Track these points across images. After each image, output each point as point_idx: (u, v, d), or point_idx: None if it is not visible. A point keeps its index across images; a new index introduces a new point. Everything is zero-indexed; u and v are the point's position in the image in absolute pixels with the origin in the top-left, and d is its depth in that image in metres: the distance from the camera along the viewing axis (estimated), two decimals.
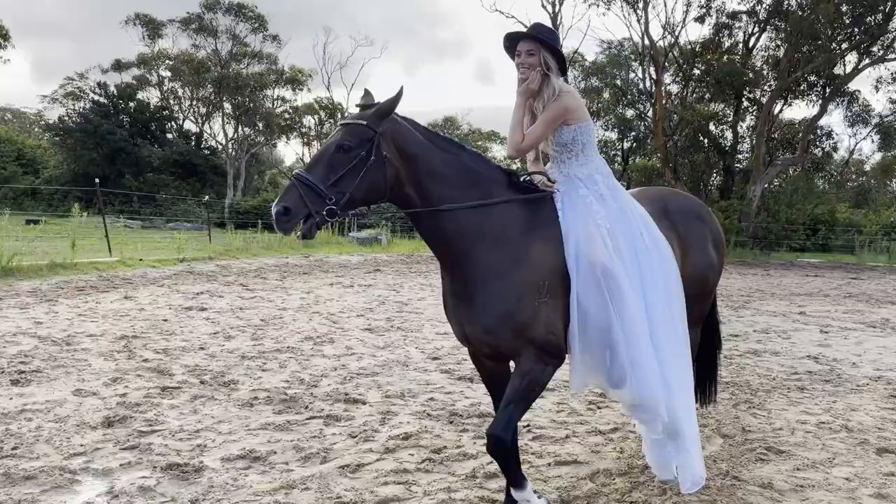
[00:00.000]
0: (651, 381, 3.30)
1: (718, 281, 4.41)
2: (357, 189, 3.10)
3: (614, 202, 3.48)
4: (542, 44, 3.51)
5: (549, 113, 3.48)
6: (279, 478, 4.20)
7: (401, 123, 3.29)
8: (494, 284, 3.26)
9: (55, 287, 11.27)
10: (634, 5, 28.58)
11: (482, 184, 3.37)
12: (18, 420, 5.06)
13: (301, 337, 8.41)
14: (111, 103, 41.45)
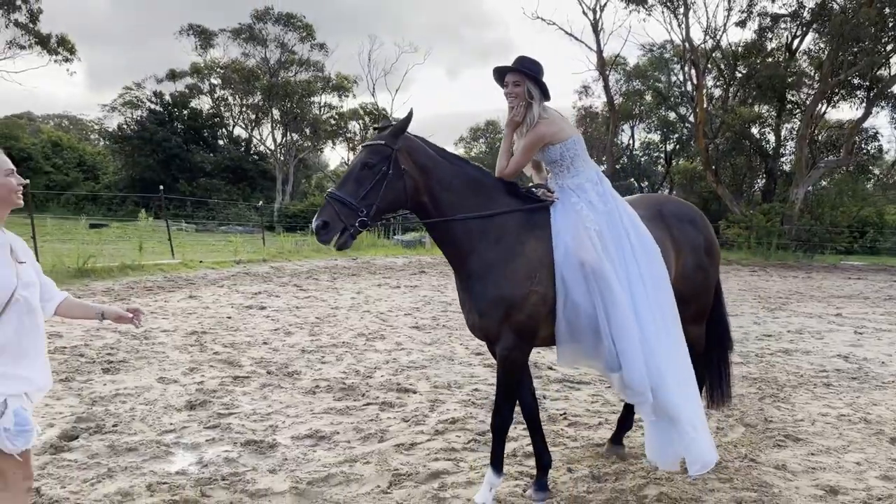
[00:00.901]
0: (639, 367, 3.73)
1: (715, 280, 4.77)
2: (382, 200, 3.66)
3: (603, 206, 3.92)
4: (525, 75, 3.96)
5: (526, 141, 3.95)
6: (343, 453, 4.80)
7: (413, 140, 3.84)
8: (491, 274, 3.77)
9: (126, 287, 12.16)
10: (675, 11, 28.71)
11: (484, 191, 3.89)
12: (114, 402, 5.77)
13: (354, 333, 9.05)
14: (166, 111, 43.12)
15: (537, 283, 3.76)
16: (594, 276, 3.71)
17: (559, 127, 3.96)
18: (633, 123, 41.57)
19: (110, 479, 4.26)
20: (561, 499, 4.11)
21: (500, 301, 3.75)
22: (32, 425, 2.81)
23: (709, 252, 4.60)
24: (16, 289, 2.74)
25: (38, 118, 67.35)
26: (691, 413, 3.87)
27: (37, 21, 25.62)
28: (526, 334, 3.82)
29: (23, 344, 2.78)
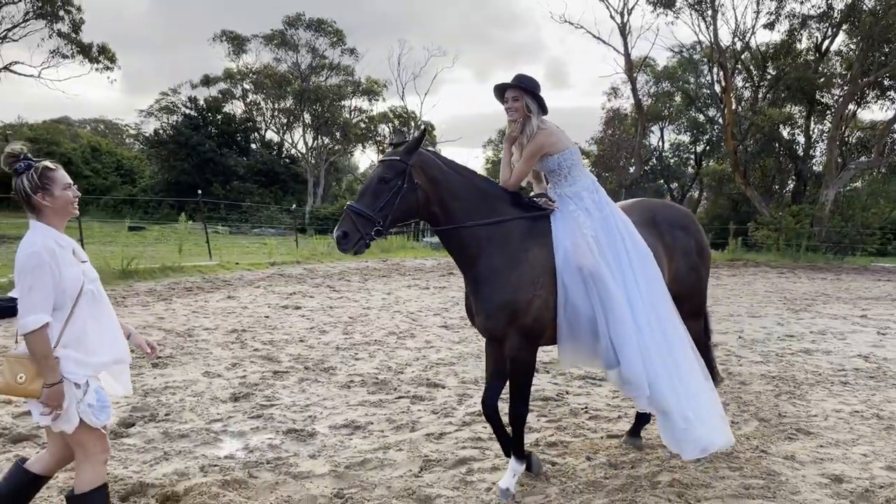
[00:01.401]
0: (636, 363, 4.02)
1: (707, 280, 5.06)
2: (397, 211, 4.01)
3: (599, 213, 4.22)
4: (523, 90, 4.26)
5: (527, 151, 4.24)
6: (377, 441, 5.17)
7: (426, 154, 4.16)
8: (497, 279, 4.08)
9: (168, 288, 12.72)
10: (703, 13, 28.68)
11: (490, 200, 4.20)
12: (165, 394, 6.22)
13: (385, 332, 9.44)
14: (200, 116, 44.13)
15: (540, 287, 4.06)
16: (592, 280, 4.00)
17: (557, 138, 4.25)
18: (662, 125, 41.46)
19: (167, 461, 4.69)
20: (579, 483, 4.42)
21: (506, 305, 4.05)
22: (109, 403, 3.23)
23: (700, 254, 4.88)
24: (83, 284, 3.16)
25: (74, 123, 69.16)
26: (684, 406, 4.11)
27: (79, 31, 26.56)
28: (532, 336, 4.13)
29: (94, 331, 3.19)
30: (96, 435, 3.17)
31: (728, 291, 15.38)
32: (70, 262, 3.14)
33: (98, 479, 3.20)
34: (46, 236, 3.10)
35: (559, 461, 4.84)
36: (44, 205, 3.12)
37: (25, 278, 3.00)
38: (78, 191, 3.31)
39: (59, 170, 3.20)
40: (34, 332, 2.96)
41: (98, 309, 3.23)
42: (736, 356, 8.42)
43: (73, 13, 25.88)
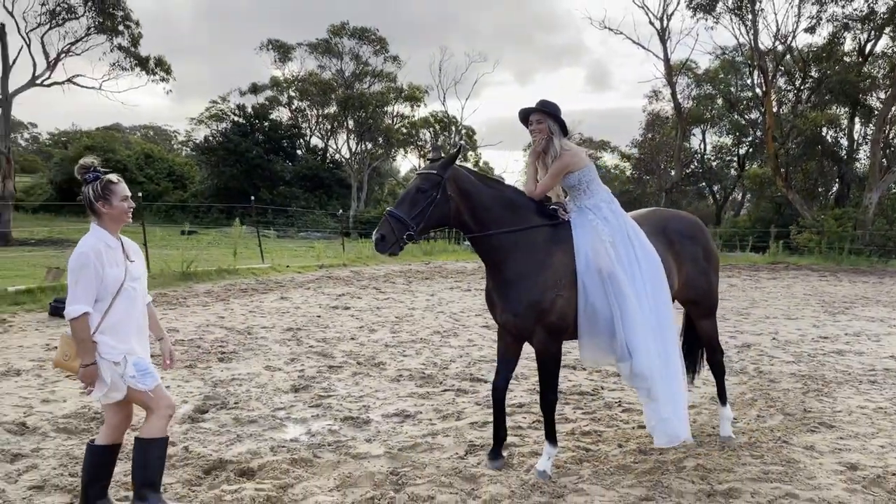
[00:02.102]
0: (645, 359, 4.47)
1: (717, 283, 5.48)
2: (430, 219, 4.50)
3: (616, 221, 4.66)
4: (547, 114, 4.72)
5: (553, 169, 4.69)
6: (426, 428, 5.69)
7: (459, 170, 4.64)
8: (525, 282, 4.53)
9: (224, 289, 13.47)
10: (743, 18, 28.56)
11: (518, 210, 4.66)
12: (232, 385, 6.84)
13: (430, 331, 9.97)
14: (248, 123, 45.45)
15: (563, 288, 4.52)
16: (610, 282, 4.45)
17: (579, 157, 4.71)
18: (704, 127, 41.22)
19: (240, 442, 5.27)
20: (610, 466, 4.86)
21: (533, 305, 4.52)
22: (152, 369, 3.76)
23: (707, 260, 5.30)
24: (124, 281, 3.73)
25: (126, 129, 71.61)
26: (670, 399, 4.58)
27: (137, 45, 27.83)
28: (557, 331, 4.59)
29: (128, 323, 3.75)
30: (156, 394, 3.73)
31: (766, 294, 15.52)
32: (115, 262, 3.71)
33: (159, 430, 3.76)
34: (98, 238, 3.69)
35: (593, 448, 5.29)
36: (103, 212, 3.72)
37: (73, 273, 3.60)
38: (133, 202, 3.89)
39: (120, 183, 3.77)
40: (76, 319, 3.55)
41: (134, 307, 3.78)
42: (768, 356, 8.71)
43: (132, 28, 27.18)
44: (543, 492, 4.38)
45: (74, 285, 3.60)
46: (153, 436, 3.75)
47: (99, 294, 3.63)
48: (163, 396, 3.80)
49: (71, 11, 25.50)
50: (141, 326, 3.85)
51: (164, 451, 3.85)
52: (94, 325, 3.62)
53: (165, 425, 3.80)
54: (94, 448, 3.95)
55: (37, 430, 5.39)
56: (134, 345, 3.74)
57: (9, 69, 24.81)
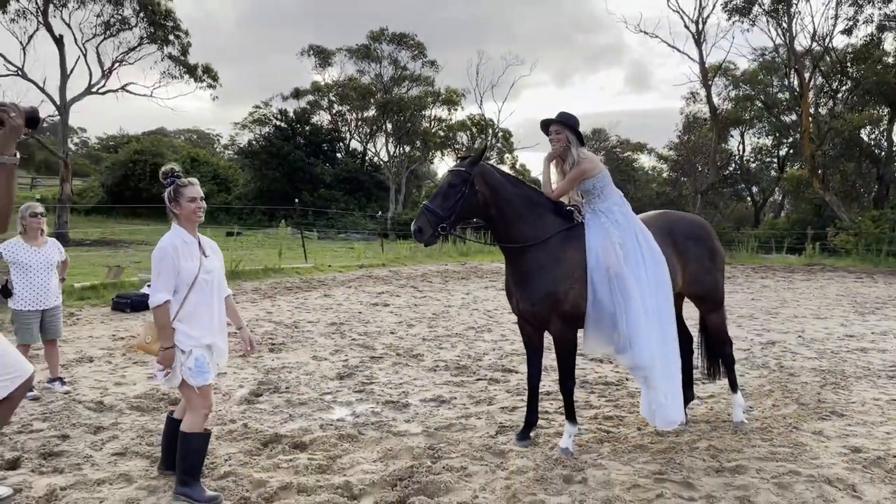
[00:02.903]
0: (643, 350, 4.90)
1: (722, 281, 5.84)
2: (461, 211, 5.02)
3: (625, 224, 5.09)
4: (565, 125, 5.21)
5: (571, 175, 5.16)
6: (460, 412, 6.20)
7: (486, 167, 5.16)
8: (541, 274, 5.01)
9: (271, 287, 14.18)
10: (779, 21, 28.42)
11: (537, 208, 5.15)
12: (282, 372, 7.45)
13: (465, 327, 10.49)
14: (290, 127, 46.59)
15: (575, 281, 5.00)
16: (616, 279, 4.90)
17: (594, 165, 5.19)
18: (742, 129, 40.94)
19: (292, 420, 5.86)
20: (628, 446, 5.31)
21: (549, 295, 5.01)
22: (209, 370, 4.25)
23: (712, 259, 5.69)
24: (198, 275, 4.28)
25: (170, 133, 73.66)
26: (666, 388, 4.99)
27: (187, 53, 28.98)
28: (570, 319, 5.07)
29: (202, 313, 4.27)
30: (201, 392, 4.22)
31: (798, 295, 15.66)
32: (191, 257, 4.26)
33: (196, 426, 4.22)
34: (175, 236, 4.25)
35: (613, 430, 5.74)
36: (176, 212, 4.29)
37: (155, 266, 4.16)
38: (203, 203, 4.42)
39: (188, 186, 4.28)
40: (158, 306, 4.11)
41: (209, 298, 4.29)
42: (791, 352, 9.01)
43: (182, 37, 28.34)
44: (565, 465, 4.85)
45: (157, 277, 4.18)
46: (191, 430, 4.22)
47: (176, 285, 4.19)
48: (206, 396, 4.26)
49: (124, 22, 26.75)
50: (215, 316, 4.33)
51: (202, 445, 4.29)
52: (172, 314, 4.18)
53: (202, 422, 4.25)
54: (172, 420, 4.56)
55: (113, 408, 6.06)
56: (207, 333, 4.23)
57: (66, 78, 26.11)
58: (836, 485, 4.56)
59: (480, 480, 4.59)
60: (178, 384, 4.24)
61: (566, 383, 5.28)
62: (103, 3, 25.95)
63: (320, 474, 4.66)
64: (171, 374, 4.21)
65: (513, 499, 4.28)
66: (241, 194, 44.40)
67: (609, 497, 4.32)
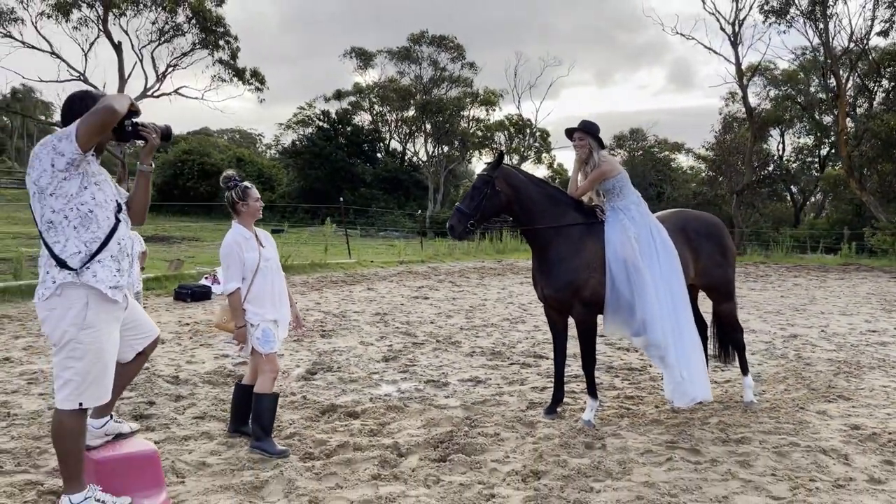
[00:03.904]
0: (658, 334, 5.47)
1: (733, 273, 6.39)
2: (486, 210, 5.71)
3: (641, 221, 5.68)
4: (587, 133, 5.83)
5: (592, 176, 5.77)
6: (494, 390, 6.87)
7: (507, 169, 5.84)
8: (564, 264, 5.64)
9: (317, 281, 15.04)
10: (816, 23, 28.33)
11: (559, 205, 5.79)
12: (333, 355, 8.21)
13: (501, 318, 11.15)
14: (332, 128, 47.76)
15: (594, 271, 5.62)
16: (633, 270, 5.51)
17: (614, 167, 5.80)
18: (782, 128, 40.66)
19: (345, 394, 6.60)
20: (646, 420, 5.92)
21: (570, 283, 5.65)
22: (274, 340, 5.05)
23: (723, 255, 6.25)
24: (259, 263, 5.03)
25: (213, 133, 75.61)
26: (682, 367, 5.55)
27: (236, 58, 30.23)
28: (590, 305, 5.70)
29: (264, 293, 5.05)
30: (268, 359, 5.01)
31: (828, 293, 15.92)
32: (251, 248, 5.05)
33: (266, 387, 4.98)
34: (237, 232, 5.04)
35: (633, 408, 6.35)
36: (241, 210, 5.07)
37: (224, 260, 4.98)
38: (262, 202, 5.24)
39: (252, 188, 5.14)
40: (231, 293, 4.91)
41: (269, 281, 5.06)
42: (811, 345, 9.45)
43: (232, 42, 29.58)
44: (587, 435, 5.49)
45: (227, 269, 4.99)
46: (263, 391, 4.98)
47: (243, 274, 4.99)
48: (273, 362, 5.04)
49: (178, 29, 28.07)
50: (276, 295, 5.12)
51: (272, 405, 5.04)
52: (242, 297, 4.98)
53: (271, 385, 5.02)
54: (240, 386, 5.33)
55: (188, 382, 6.88)
56: (269, 309, 5.03)
57: (124, 82, 27.50)
58: (830, 454, 5.10)
59: (511, 444, 5.25)
60: (250, 353, 5.04)
61: (587, 363, 5.91)
62: (158, 11, 27.25)
63: (372, 436, 5.38)
64: (244, 346, 5.02)
65: (539, 459, 4.93)
66: (284, 193, 45.66)
67: (624, 460, 4.94)
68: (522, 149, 52.02)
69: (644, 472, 4.72)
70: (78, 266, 2.87)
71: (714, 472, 4.72)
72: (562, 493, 4.31)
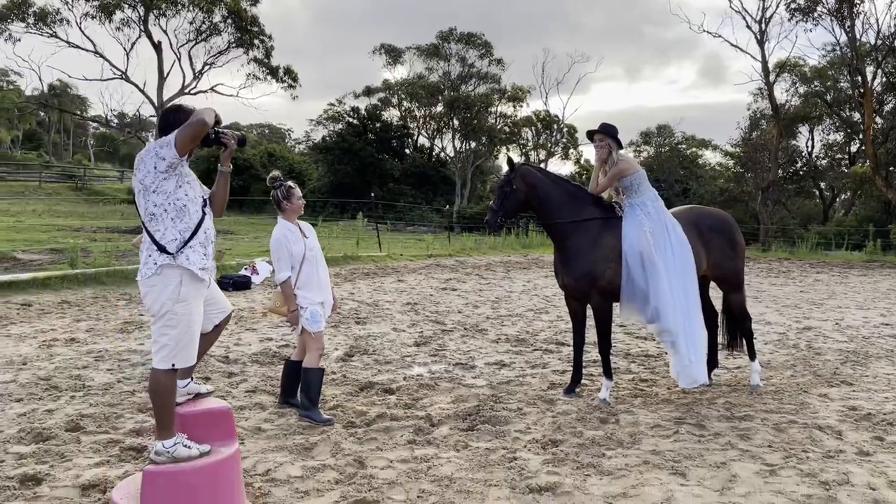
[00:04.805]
0: (670, 321, 5.96)
1: (742, 266, 6.90)
2: (508, 206, 6.36)
3: (656, 216, 6.15)
4: (606, 134, 6.34)
5: (610, 174, 6.29)
6: (518, 372, 7.42)
7: (525, 168, 6.46)
8: (582, 255, 6.17)
9: (350, 272, 15.70)
10: (843, 22, 28.29)
11: (577, 201, 6.32)
12: (368, 340, 8.83)
13: (525, 309, 11.69)
14: (361, 124, 48.55)
15: (611, 262, 6.14)
16: (648, 262, 6.01)
17: (630, 165, 6.32)
18: (811, 125, 40.47)
19: (381, 374, 7.21)
20: (657, 400, 6.43)
21: (588, 273, 6.18)
22: (321, 320, 5.68)
23: (732, 248, 6.72)
24: (305, 253, 5.64)
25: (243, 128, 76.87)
26: (690, 351, 6.04)
27: (270, 56, 31.11)
28: (606, 294, 6.22)
29: (311, 279, 5.68)
30: (316, 337, 5.62)
31: (848, 288, 16.18)
32: (296, 241, 5.67)
33: (314, 362, 5.60)
34: (284, 227, 5.67)
35: (647, 389, 6.86)
36: (287, 207, 5.70)
37: (274, 253, 5.61)
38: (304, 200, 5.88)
39: (296, 188, 5.79)
40: (283, 282, 5.54)
41: (315, 268, 5.69)
42: (824, 336, 9.85)
43: (266, 41, 30.45)
44: (602, 411, 6.02)
45: (277, 260, 5.62)
46: (310, 366, 5.61)
47: (292, 264, 5.62)
48: (320, 340, 5.68)
49: (214, 28, 29.00)
50: (320, 280, 5.76)
51: (319, 378, 5.66)
52: (292, 284, 5.61)
53: (318, 360, 5.64)
54: (289, 362, 5.97)
55: (237, 361, 7.55)
56: (316, 293, 5.67)
57: (163, 80, 28.50)
58: (825, 431, 5.57)
59: (532, 417, 5.81)
60: (300, 333, 5.68)
61: (603, 346, 6.44)
62: (195, 11, 28.18)
63: (407, 409, 5.98)
64: (296, 327, 5.66)
65: (557, 430, 5.49)
66: (314, 188, 46.54)
67: (634, 432, 5.47)
68: (549, 145, 52.31)
69: (652, 442, 5.25)
70: (174, 250, 3.49)
71: (715, 444, 5.23)
72: (576, 458, 4.87)
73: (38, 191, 41.56)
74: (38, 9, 26.48)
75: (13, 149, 62.95)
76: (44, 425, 5.24)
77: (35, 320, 9.42)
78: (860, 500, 4.26)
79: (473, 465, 4.70)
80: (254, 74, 30.90)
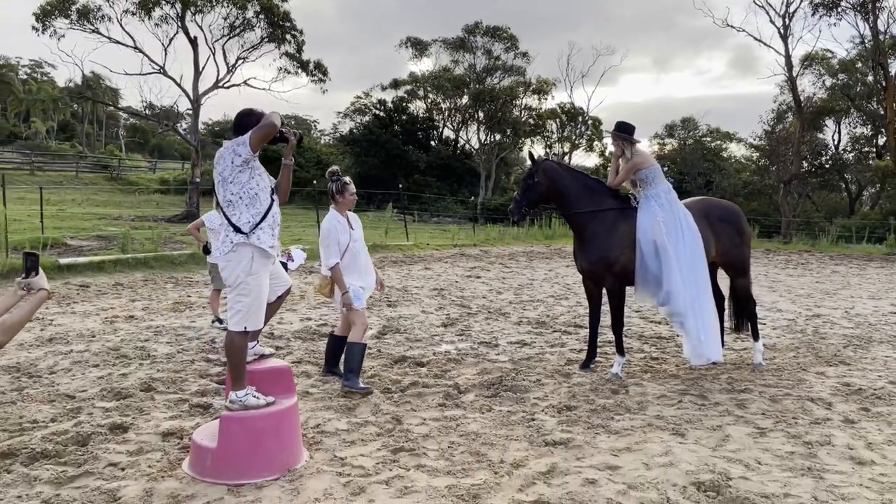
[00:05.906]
0: (680, 303, 6.51)
1: (748, 254, 7.42)
2: (530, 198, 6.98)
3: (669, 207, 6.69)
4: (622, 131, 6.88)
5: (626, 167, 6.85)
6: (538, 350, 8.05)
7: (547, 162, 7.06)
8: (597, 241, 6.76)
9: (379, 260, 16.40)
10: (866, 16, 28.25)
11: (595, 194, 6.91)
12: (399, 321, 9.52)
13: (546, 295, 12.30)
14: (388, 116, 49.22)
15: (625, 248, 6.72)
16: (660, 249, 6.57)
17: (645, 159, 6.88)
18: (837, 118, 40.32)
19: (412, 350, 7.89)
20: (665, 375, 7.04)
21: (603, 258, 6.78)
22: (361, 298, 6.29)
23: (740, 237, 7.26)
24: (349, 242, 6.28)
25: None
26: (700, 331, 6.56)
27: (301, 51, 31.90)
28: (620, 278, 6.81)
29: (355, 266, 6.31)
30: (359, 313, 6.27)
31: (863, 280, 16.52)
32: (343, 231, 6.30)
33: (357, 337, 6.20)
34: (333, 217, 6.31)
35: (656, 366, 7.46)
36: (340, 200, 6.34)
37: (323, 241, 6.22)
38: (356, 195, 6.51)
39: (351, 184, 6.42)
40: (332, 268, 6.15)
41: (357, 256, 6.33)
42: (832, 323, 10.33)
43: (297, 36, 31.24)
44: (614, 383, 6.64)
45: (326, 248, 6.27)
46: (354, 340, 6.23)
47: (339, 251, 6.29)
48: (362, 316, 6.30)
49: (247, 24, 29.82)
50: (362, 266, 6.42)
51: (361, 352, 6.27)
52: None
53: (361, 335, 6.27)
54: (333, 336, 6.66)
55: (281, 338, 8.27)
56: (356, 278, 6.33)
57: (199, 74, 29.41)
58: (816, 402, 6.14)
59: (550, 388, 6.45)
60: (348, 311, 6.36)
61: (616, 325, 7.05)
62: (230, 7, 29.02)
63: (437, 379, 6.65)
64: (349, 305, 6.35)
65: (572, 398, 6.12)
66: None
67: (642, 401, 6.09)
68: (574, 137, 52.58)
69: (657, 409, 5.87)
70: (248, 231, 4.17)
71: (714, 411, 5.84)
72: (588, 420, 5.51)
73: (74, 181, 42.93)
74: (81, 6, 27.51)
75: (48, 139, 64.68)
76: (121, 386, 6.00)
77: (94, 300, 10.26)
78: (838, 457, 4.84)
79: (496, 424, 5.36)
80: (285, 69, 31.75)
